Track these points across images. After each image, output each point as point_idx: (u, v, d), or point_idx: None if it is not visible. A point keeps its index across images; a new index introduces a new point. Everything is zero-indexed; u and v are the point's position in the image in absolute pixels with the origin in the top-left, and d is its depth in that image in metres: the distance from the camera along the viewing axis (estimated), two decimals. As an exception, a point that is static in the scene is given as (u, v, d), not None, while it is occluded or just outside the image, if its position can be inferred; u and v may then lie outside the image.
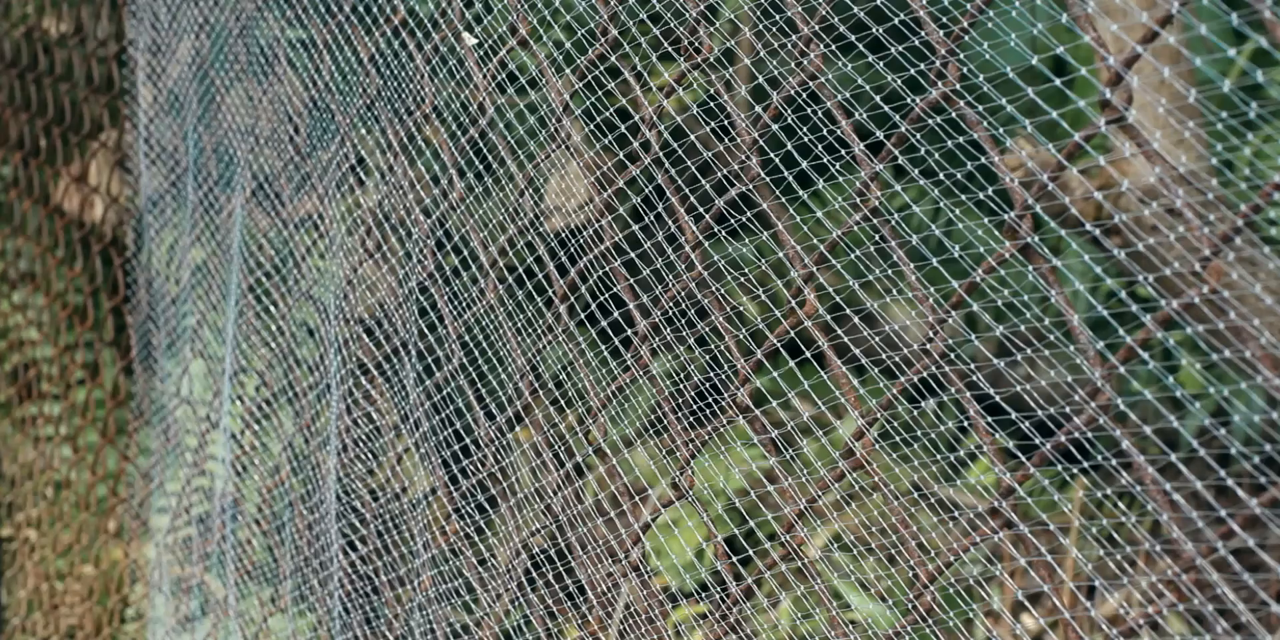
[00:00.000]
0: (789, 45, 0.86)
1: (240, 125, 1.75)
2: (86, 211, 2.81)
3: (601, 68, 1.04)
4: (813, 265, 0.85)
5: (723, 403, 0.90)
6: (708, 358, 0.93)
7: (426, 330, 1.34)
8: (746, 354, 0.89)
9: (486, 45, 1.17)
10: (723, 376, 0.91)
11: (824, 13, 0.83)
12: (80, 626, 2.78)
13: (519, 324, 1.19)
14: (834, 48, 0.84)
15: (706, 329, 0.93)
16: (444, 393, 1.32)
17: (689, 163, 0.92)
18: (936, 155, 0.77)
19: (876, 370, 0.88)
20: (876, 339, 0.84)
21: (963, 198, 0.77)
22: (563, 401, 1.39)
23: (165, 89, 2.00)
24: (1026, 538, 0.72)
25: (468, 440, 1.31)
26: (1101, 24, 0.67)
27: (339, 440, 1.53)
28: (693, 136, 0.96)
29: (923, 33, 0.77)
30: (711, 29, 0.92)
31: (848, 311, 0.87)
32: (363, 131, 1.37)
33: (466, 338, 1.27)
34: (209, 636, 1.93)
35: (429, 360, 1.34)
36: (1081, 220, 0.69)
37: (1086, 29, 0.67)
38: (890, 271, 0.82)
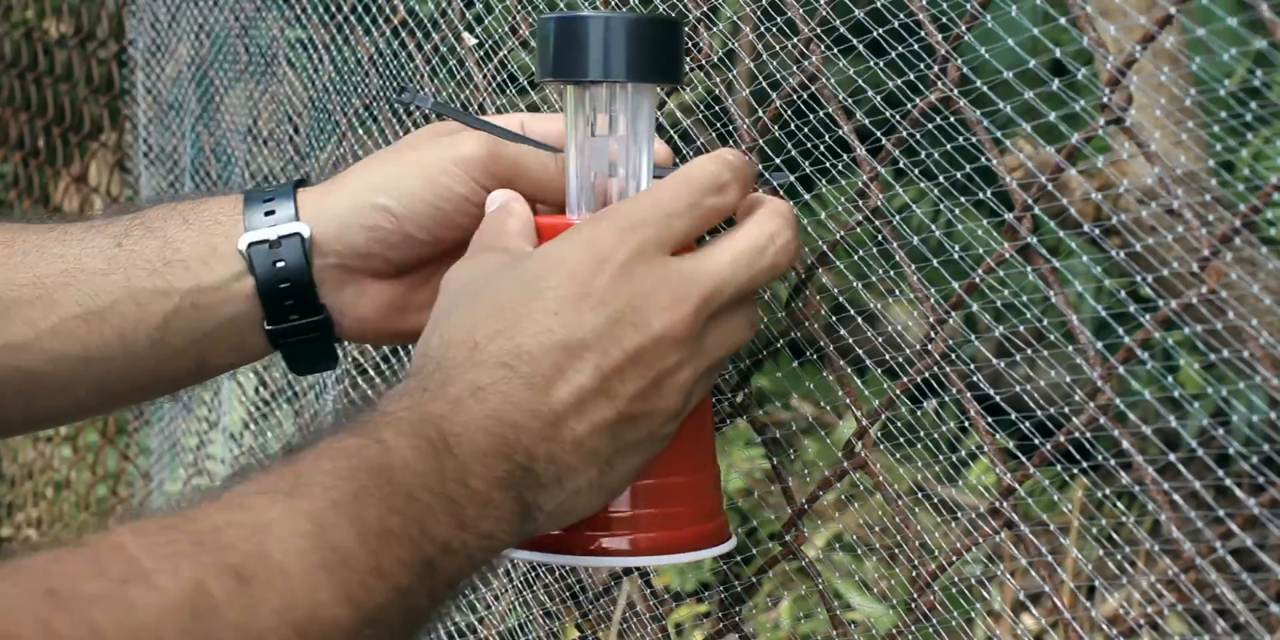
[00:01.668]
0: (789, 47, 0.86)
1: (240, 125, 1.75)
2: (86, 211, 2.81)
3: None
4: (814, 265, 0.85)
5: (723, 403, 0.90)
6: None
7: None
8: (746, 354, 0.89)
9: (487, 46, 1.17)
10: (722, 376, 0.91)
11: (824, 14, 0.83)
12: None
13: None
14: (834, 50, 0.84)
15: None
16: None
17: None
18: (936, 156, 0.77)
19: (879, 371, 0.88)
20: (879, 339, 0.84)
21: (962, 199, 0.77)
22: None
23: (165, 89, 2.00)
24: (1026, 538, 0.72)
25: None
26: (1100, 25, 0.67)
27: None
28: (692, 130, 0.96)
29: (922, 34, 0.77)
30: (716, 29, 0.92)
31: (850, 312, 0.87)
32: (361, 132, 1.37)
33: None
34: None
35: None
36: (1081, 221, 0.70)
37: (1085, 30, 0.67)
38: (891, 272, 0.82)
